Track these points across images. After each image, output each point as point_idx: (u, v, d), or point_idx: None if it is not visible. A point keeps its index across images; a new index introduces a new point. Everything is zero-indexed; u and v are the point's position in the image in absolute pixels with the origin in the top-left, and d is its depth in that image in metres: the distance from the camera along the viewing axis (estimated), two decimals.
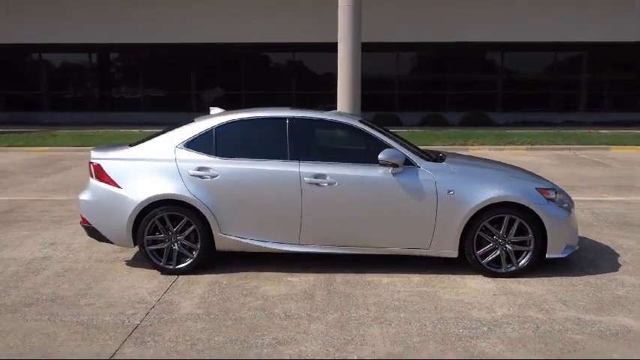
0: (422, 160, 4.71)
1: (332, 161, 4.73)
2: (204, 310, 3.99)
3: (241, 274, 4.72)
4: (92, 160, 4.91)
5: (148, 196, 4.66)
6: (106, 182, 4.79)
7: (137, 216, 4.69)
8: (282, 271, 4.77)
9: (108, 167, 4.81)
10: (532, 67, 22.39)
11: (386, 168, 4.62)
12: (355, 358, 3.26)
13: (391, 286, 4.45)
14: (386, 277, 4.62)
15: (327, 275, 4.68)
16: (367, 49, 16.21)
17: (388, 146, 4.70)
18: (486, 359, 3.23)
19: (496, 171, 5.11)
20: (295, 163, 4.69)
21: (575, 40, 20.52)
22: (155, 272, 4.77)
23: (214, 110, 5.59)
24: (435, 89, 22.38)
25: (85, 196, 4.91)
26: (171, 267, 4.75)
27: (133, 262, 5.06)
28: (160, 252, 4.76)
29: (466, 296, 4.22)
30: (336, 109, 15.18)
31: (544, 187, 4.74)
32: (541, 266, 4.69)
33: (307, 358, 3.26)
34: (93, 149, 5.16)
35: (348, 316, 3.87)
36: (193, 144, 4.82)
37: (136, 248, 4.88)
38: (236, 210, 4.67)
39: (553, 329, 3.63)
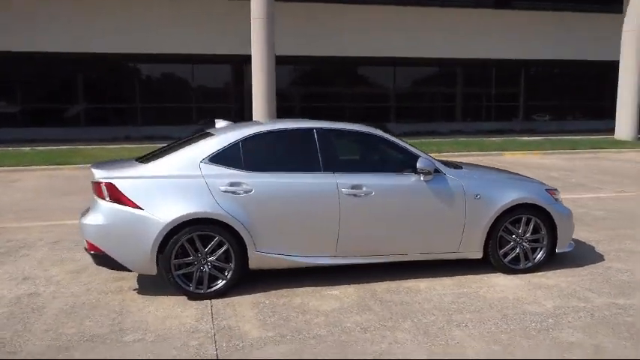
0: (446, 168, 4.91)
1: (364, 172, 4.74)
2: (275, 332, 3.77)
3: (276, 292, 4.51)
4: (101, 180, 4.38)
5: (177, 215, 4.28)
6: (124, 203, 4.31)
7: (163, 239, 4.28)
8: (315, 285, 4.65)
9: (124, 187, 4.33)
10: (419, 80, 24.11)
11: (417, 176, 4.75)
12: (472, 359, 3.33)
13: (432, 290, 4.56)
14: (421, 282, 4.73)
15: (363, 286, 4.66)
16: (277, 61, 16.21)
17: (414, 154, 4.84)
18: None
19: (508, 176, 5.46)
20: (330, 174, 4.62)
21: (449, 57, 22.42)
22: (180, 298, 4.38)
23: (220, 123, 5.30)
24: (337, 101, 23.12)
25: (93, 220, 4.36)
26: (201, 291, 4.39)
27: (146, 290, 4.59)
28: (187, 276, 4.38)
29: (507, 293, 4.48)
30: (252, 119, 15.09)
31: (550, 188, 5.22)
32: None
33: None
34: (93, 167, 4.61)
35: (421, 322, 3.90)
36: (219, 158, 4.53)
37: (133, 275, 4.46)
38: (272, 226, 4.47)
39: (605, 314, 4.02)
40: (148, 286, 4.67)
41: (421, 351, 3.44)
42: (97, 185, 4.41)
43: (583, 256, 5.53)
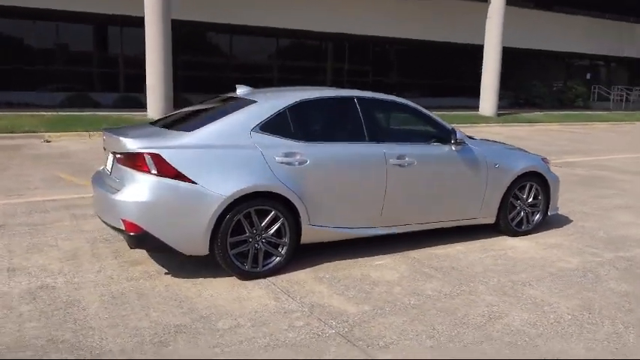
0: (467, 139, 5.13)
1: (403, 142, 4.76)
2: (370, 305, 3.66)
3: (324, 267, 4.36)
4: (143, 150, 3.79)
5: (238, 189, 3.89)
6: (174, 177, 3.79)
7: (220, 215, 3.87)
8: (356, 257, 4.58)
9: (173, 158, 3.81)
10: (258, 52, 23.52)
11: (449, 146, 4.90)
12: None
13: (468, 255, 4.76)
14: (449, 249, 4.92)
15: (402, 254, 4.70)
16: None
17: (444, 125, 4.97)
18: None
19: (511, 147, 5.79)
20: (375, 144, 4.55)
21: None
22: (229, 279, 4.03)
23: (242, 88, 4.86)
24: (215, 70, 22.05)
25: (133, 196, 3.77)
26: (256, 269, 4.07)
27: (179, 273, 4.12)
28: (242, 255, 4.03)
29: (531, 254, 4.87)
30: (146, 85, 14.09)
31: (544, 158, 5.74)
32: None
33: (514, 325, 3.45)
34: (119, 135, 3.99)
35: (490, 284, 4.09)
36: (269, 126, 4.19)
37: (143, 258, 4.04)
38: (325, 198, 4.29)
39: (624, 266, 4.60)
40: (174, 268, 4.20)
41: (527, 313, 3.63)
42: (135, 156, 3.81)
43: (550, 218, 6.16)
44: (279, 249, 4.16)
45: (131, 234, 3.81)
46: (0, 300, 3.59)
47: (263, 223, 4.05)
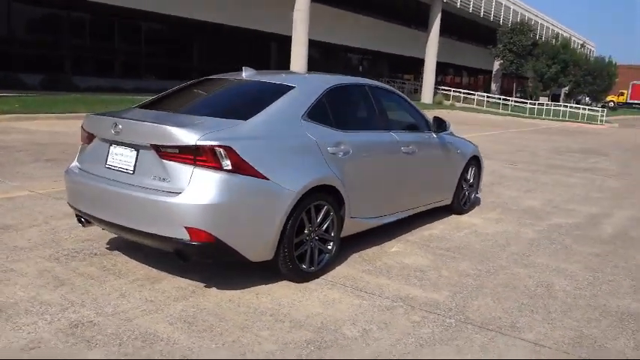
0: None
1: (403, 130, 4.87)
2: (446, 290, 3.74)
3: (355, 257, 4.27)
4: (213, 143, 3.15)
5: (305, 183, 3.54)
6: (247, 173, 3.25)
7: (290, 213, 3.47)
8: (368, 247, 4.58)
9: (245, 151, 3.25)
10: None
11: (430, 133, 5.19)
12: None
13: (447, 234, 5.16)
14: (426, 231, 5.22)
15: (400, 239, 4.86)
16: None
17: (422, 114, 5.24)
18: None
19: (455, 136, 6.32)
20: (389, 132, 4.58)
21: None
22: (286, 284, 3.67)
23: (248, 70, 4.31)
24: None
25: (201, 199, 3.12)
26: (312, 270, 3.78)
27: (228, 284, 3.58)
28: (301, 256, 3.68)
29: (491, 229, 5.50)
30: None
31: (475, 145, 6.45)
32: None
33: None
34: (169, 125, 3.23)
35: (502, 259, 4.55)
36: (313, 114, 3.89)
37: (152, 272, 3.52)
38: (363, 189, 4.18)
39: (565, 231, 5.56)
40: (205, 279, 3.63)
41: (563, 279, 4.16)
42: (200, 150, 3.14)
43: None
44: (328, 245, 3.92)
45: (196, 243, 3.15)
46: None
47: (318, 219, 3.77)
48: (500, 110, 33.86)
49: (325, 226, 3.83)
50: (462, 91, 37.47)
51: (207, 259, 3.46)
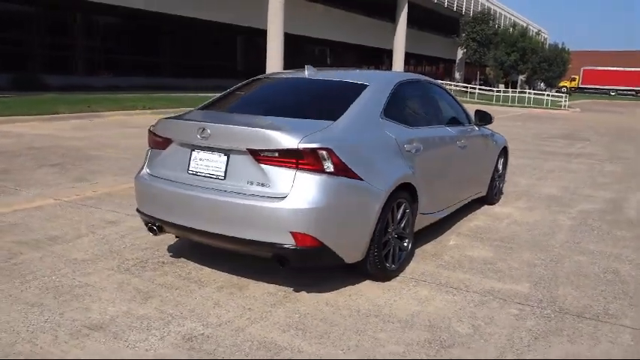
0: None
1: (452, 124, 4.89)
2: (526, 281, 3.80)
3: (418, 253, 4.30)
4: (316, 145, 3.08)
5: (392, 182, 3.53)
6: (346, 175, 3.20)
7: (380, 212, 3.45)
8: (426, 241, 4.61)
9: (342, 153, 3.20)
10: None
11: (473, 127, 5.24)
12: None
13: (487, 224, 5.26)
14: (470, 222, 5.32)
15: (448, 232, 4.93)
16: None
17: (463, 107, 5.29)
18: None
19: None
20: (445, 128, 4.61)
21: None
22: (370, 283, 3.65)
23: (311, 69, 4.23)
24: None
25: (306, 202, 3.06)
26: (394, 267, 3.77)
27: (312, 286, 3.54)
28: (387, 254, 3.67)
29: (529, 219, 5.63)
30: None
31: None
32: None
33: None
34: (267, 129, 3.14)
35: (557, 247, 4.66)
36: (388, 112, 3.87)
37: (220, 278, 3.49)
38: (428, 184, 4.18)
39: (604, 217, 5.73)
40: (292, 280, 3.58)
41: (622, 263, 4.30)
42: (302, 153, 3.07)
43: None
44: (404, 243, 3.91)
45: (301, 248, 3.08)
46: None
47: (398, 217, 3.75)
48: (468, 99, 34.54)
49: (403, 223, 3.82)
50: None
51: (307, 264, 3.39)
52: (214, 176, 3.29)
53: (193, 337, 2.84)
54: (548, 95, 34.60)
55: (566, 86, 68.44)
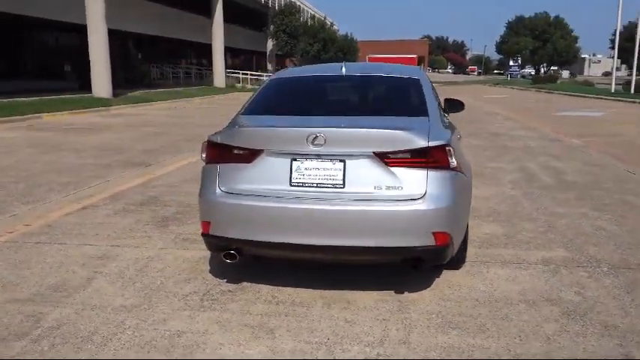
0: None
1: None
2: (561, 248, 4.27)
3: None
4: (442, 143, 3.09)
5: (471, 174, 3.65)
6: (459, 170, 3.23)
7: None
8: None
9: (453, 149, 3.21)
10: None
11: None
12: None
13: None
14: None
15: None
16: None
17: None
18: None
19: None
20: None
21: None
22: (462, 272, 3.77)
23: (346, 65, 4.03)
24: None
25: (441, 201, 3.04)
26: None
27: (398, 284, 3.52)
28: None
29: (486, 193, 6.24)
30: None
31: None
32: None
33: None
34: (397, 130, 3.02)
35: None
36: (440, 104, 3.96)
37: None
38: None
39: (530, 184, 6.59)
40: (371, 282, 3.53)
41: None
42: (432, 152, 3.01)
43: None
44: None
45: (439, 247, 3.04)
46: None
47: None
48: None
49: None
50: (251, 73, 38.23)
51: (437, 262, 3.30)
52: (329, 185, 3.03)
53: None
54: None
55: None
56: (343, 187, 3.03)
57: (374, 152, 2.99)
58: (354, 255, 3.09)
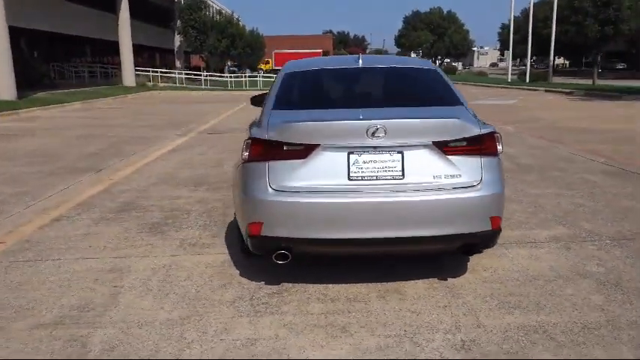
0: None
1: None
2: (560, 225, 4.56)
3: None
4: (491, 130, 3.21)
5: None
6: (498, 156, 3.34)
7: None
8: None
9: (500, 137, 3.33)
10: None
11: None
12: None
13: None
14: None
15: None
16: None
17: None
18: None
19: None
20: None
21: None
22: (481, 256, 3.91)
23: (363, 56, 3.98)
24: None
25: (495, 187, 3.15)
26: None
27: (433, 271, 3.62)
28: None
29: None
30: None
31: None
32: None
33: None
34: (460, 120, 3.13)
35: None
36: None
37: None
38: None
39: None
40: (406, 272, 3.61)
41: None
42: (485, 139, 3.11)
43: None
44: None
45: (494, 232, 3.14)
46: None
47: None
48: (203, 86, 34.76)
49: None
50: (161, 70, 36.68)
51: (488, 247, 3.34)
52: (388, 177, 3.01)
53: (470, 342, 2.67)
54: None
55: (262, 68, 74.68)
56: (402, 178, 3.03)
57: (433, 142, 3.02)
58: (417, 245, 3.11)
